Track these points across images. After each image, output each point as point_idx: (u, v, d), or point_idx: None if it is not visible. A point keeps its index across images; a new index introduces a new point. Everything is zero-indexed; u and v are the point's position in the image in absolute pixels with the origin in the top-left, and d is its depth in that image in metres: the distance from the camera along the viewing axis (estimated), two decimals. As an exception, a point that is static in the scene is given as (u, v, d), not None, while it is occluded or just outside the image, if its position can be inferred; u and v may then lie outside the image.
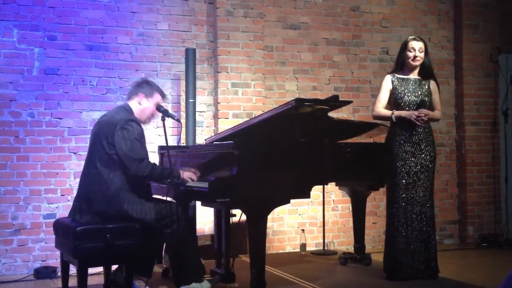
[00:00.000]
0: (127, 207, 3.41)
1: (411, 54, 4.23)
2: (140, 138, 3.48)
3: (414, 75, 4.30)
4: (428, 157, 4.21)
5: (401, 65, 4.32)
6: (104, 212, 3.41)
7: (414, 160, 4.18)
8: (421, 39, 4.29)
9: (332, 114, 4.24)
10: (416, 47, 4.22)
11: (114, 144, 3.41)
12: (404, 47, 4.27)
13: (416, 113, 4.13)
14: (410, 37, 4.34)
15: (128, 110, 3.60)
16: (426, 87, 4.27)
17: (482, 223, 6.21)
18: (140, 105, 3.64)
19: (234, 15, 5.47)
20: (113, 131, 3.42)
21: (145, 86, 3.67)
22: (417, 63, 4.25)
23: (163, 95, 3.74)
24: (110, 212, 3.41)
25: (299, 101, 3.72)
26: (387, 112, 4.26)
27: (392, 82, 4.29)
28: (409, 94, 4.22)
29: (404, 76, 4.29)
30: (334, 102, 4.07)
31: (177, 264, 3.54)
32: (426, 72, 4.31)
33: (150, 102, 3.66)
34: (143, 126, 3.63)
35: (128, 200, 3.42)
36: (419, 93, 4.24)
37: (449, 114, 6.33)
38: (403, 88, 4.24)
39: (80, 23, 5.12)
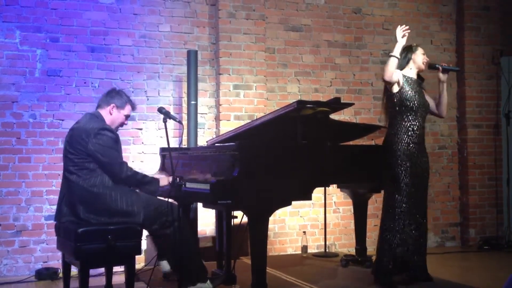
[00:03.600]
0: (110, 203, 3.43)
1: (424, 59, 4.17)
2: (115, 145, 3.56)
3: (415, 76, 4.22)
4: (426, 159, 4.14)
5: (403, 65, 4.16)
6: (93, 213, 3.43)
7: (418, 162, 4.06)
8: None
9: (334, 116, 4.24)
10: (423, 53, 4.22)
11: (88, 152, 3.45)
12: (415, 50, 4.17)
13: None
14: (414, 44, 4.25)
15: (100, 118, 3.64)
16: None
17: (484, 225, 6.21)
18: (111, 115, 3.68)
19: (236, 17, 5.48)
20: (86, 139, 3.46)
21: (117, 97, 3.72)
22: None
23: (133, 107, 3.83)
24: (97, 212, 3.42)
25: (300, 103, 3.72)
26: (392, 60, 3.99)
27: (404, 77, 4.09)
28: (421, 96, 4.11)
29: (408, 75, 4.14)
30: (336, 104, 4.06)
31: (180, 265, 3.55)
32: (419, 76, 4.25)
33: (121, 113, 3.71)
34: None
35: (111, 197, 3.45)
36: (425, 95, 4.17)
37: (451, 116, 6.32)
38: (410, 88, 4.08)
39: (82, 24, 5.13)
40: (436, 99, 4.28)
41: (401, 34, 4.06)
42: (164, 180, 3.71)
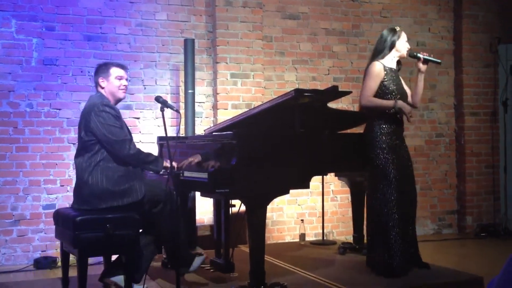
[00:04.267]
0: (113, 186, 3.42)
1: (407, 46, 4.04)
2: (117, 121, 3.51)
3: (395, 66, 4.09)
4: (407, 149, 4.08)
5: (386, 52, 4.02)
6: (97, 195, 3.42)
7: (401, 153, 4.01)
8: None
9: (332, 104, 4.24)
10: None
11: (91, 131, 3.44)
12: (398, 36, 4.00)
13: (411, 113, 4.00)
14: (398, 27, 4.09)
15: (100, 95, 3.61)
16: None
17: (481, 213, 6.24)
18: (104, 88, 3.62)
19: (233, 5, 5.45)
20: (88, 117, 3.45)
21: (100, 69, 3.66)
22: None
23: (120, 66, 3.69)
24: (100, 194, 3.42)
25: (298, 92, 3.71)
26: (387, 102, 3.90)
27: (384, 70, 3.97)
28: (400, 86, 4.01)
29: (390, 66, 4.02)
30: (334, 93, 4.05)
31: (170, 246, 3.54)
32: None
33: (110, 79, 3.62)
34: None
35: (113, 175, 3.44)
36: (403, 84, 4.07)
37: (449, 104, 6.33)
38: (394, 78, 3.98)
39: (79, 13, 5.10)
40: (411, 88, 4.16)
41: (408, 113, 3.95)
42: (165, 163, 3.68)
